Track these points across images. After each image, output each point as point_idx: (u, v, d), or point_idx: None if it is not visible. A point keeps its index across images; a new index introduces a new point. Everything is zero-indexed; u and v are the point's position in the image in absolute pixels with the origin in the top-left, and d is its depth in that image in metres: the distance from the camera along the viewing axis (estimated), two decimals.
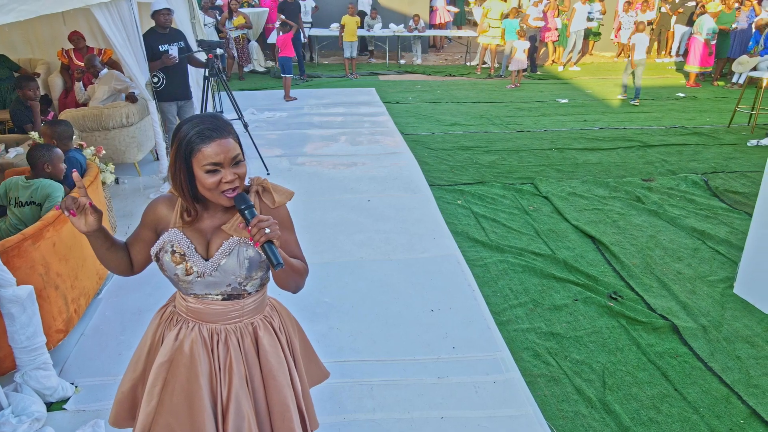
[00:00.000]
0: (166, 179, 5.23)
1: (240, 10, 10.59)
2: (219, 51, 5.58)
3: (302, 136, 7.09)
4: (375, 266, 3.93)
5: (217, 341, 1.65)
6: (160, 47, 5.32)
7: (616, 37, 12.90)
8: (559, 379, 2.92)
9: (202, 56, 5.79)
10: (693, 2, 12.33)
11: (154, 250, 1.61)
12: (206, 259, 1.58)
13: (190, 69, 5.83)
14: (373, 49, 13.48)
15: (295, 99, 8.91)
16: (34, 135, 4.28)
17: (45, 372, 2.62)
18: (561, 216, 4.84)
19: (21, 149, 4.38)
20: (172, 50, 5.33)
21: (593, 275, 3.88)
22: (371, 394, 2.75)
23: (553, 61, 12.73)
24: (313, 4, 12.42)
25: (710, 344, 3.21)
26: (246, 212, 1.47)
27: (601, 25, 12.98)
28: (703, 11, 10.38)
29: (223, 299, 1.63)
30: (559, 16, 11.97)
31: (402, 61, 12.92)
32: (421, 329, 3.25)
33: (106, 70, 5.67)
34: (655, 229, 4.61)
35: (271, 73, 11.42)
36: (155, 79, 5.36)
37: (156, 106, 5.25)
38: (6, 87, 6.07)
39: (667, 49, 13.38)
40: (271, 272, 1.60)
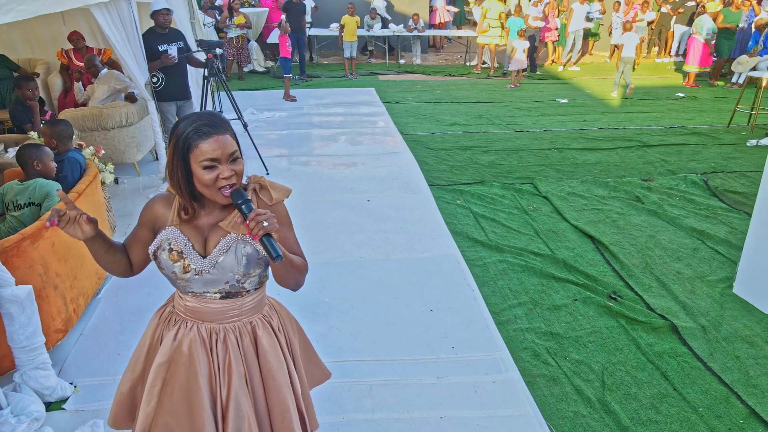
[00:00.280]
0: (165, 179, 5.23)
1: (240, 10, 10.60)
2: (218, 51, 5.59)
3: (302, 136, 7.09)
4: (375, 266, 3.93)
5: (216, 340, 1.65)
6: (160, 47, 5.33)
7: (610, 36, 12.96)
8: (559, 378, 2.92)
9: (202, 56, 5.79)
10: (693, 2, 12.33)
11: (151, 249, 1.61)
12: (203, 257, 1.58)
13: (190, 69, 5.83)
14: (373, 49, 13.48)
15: (295, 99, 8.91)
16: (34, 135, 4.28)
17: (44, 372, 2.62)
18: (560, 216, 4.84)
19: None
20: (172, 50, 5.34)
21: (593, 275, 3.88)
22: (371, 393, 2.75)
23: (553, 61, 12.74)
24: (313, 4, 12.41)
25: (709, 344, 3.21)
26: (243, 207, 1.47)
27: (601, 25, 12.99)
28: (703, 11, 10.38)
29: (221, 297, 1.63)
30: (559, 16, 11.98)
31: (402, 61, 12.92)
32: (420, 329, 3.25)
33: (105, 69, 5.67)
34: (654, 229, 4.61)
35: (271, 73, 11.42)
36: (154, 79, 5.36)
37: (155, 106, 5.25)
38: (5, 87, 6.07)
39: (667, 49, 13.39)
40: (271, 269, 1.60)
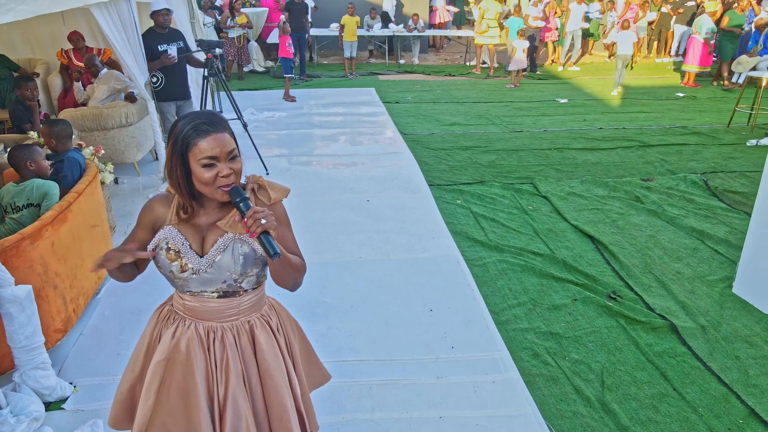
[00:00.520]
0: (165, 178, 5.23)
1: (241, 9, 10.60)
2: (218, 51, 5.59)
3: (302, 136, 7.09)
4: (374, 266, 3.93)
5: (213, 339, 1.65)
6: (159, 47, 5.33)
7: (604, 36, 12.98)
8: (558, 378, 2.92)
9: (201, 56, 5.79)
10: (693, 2, 12.34)
11: (150, 248, 1.61)
12: (201, 256, 1.58)
13: (190, 69, 5.83)
14: (373, 49, 13.49)
15: (294, 99, 8.91)
16: (34, 135, 4.28)
17: (43, 372, 2.62)
18: (560, 216, 4.84)
19: None
20: (171, 50, 5.33)
21: (592, 275, 3.88)
22: (370, 393, 2.75)
23: (553, 61, 12.73)
24: (313, 4, 12.41)
25: (709, 344, 3.21)
26: (241, 204, 1.47)
27: (600, 25, 12.98)
28: (703, 11, 10.39)
29: (219, 297, 1.63)
30: (561, 16, 11.97)
31: (402, 61, 12.92)
32: (420, 329, 3.25)
33: (105, 69, 5.67)
34: (654, 229, 4.61)
35: (271, 73, 11.42)
36: (154, 79, 5.36)
37: (155, 106, 5.25)
38: (5, 87, 6.07)
39: (667, 49, 13.38)
40: (269, 268, 1.60)
